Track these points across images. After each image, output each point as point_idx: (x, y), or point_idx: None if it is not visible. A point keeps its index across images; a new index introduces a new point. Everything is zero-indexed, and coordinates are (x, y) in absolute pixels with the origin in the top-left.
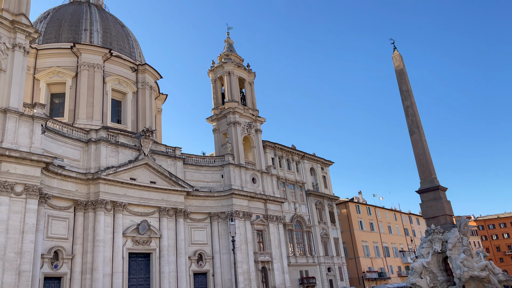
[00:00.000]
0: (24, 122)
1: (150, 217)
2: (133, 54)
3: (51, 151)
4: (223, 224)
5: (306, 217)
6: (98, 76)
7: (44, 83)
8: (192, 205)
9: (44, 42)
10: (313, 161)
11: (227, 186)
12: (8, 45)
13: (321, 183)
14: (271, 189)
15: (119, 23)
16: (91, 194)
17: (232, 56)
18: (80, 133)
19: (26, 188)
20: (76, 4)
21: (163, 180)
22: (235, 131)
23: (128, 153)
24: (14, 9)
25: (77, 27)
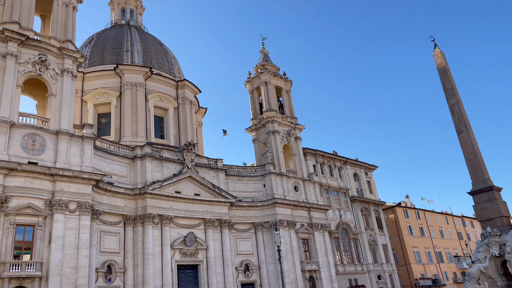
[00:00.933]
0: (75, 142)
1: (196, 229)
2: (172, 71)
3: (100, 169)
4: (268, 234)
5: (352, 224)
6: (141, 94)
7: (91, 104)
8: (236, 216)
9: (89, 65)
10: (356, 166)
11: (269, 196)
12: (57, 70)
13: (366, 189)
14: (314, 196)
15: (157, 42)
16: (139, 209)
17: (268, 65)
18: (126, 150)
19: (79, 205)
20: (118, 27)
21: (206, 192)
22: (274, 140)
23: (172, 167)
24: (61, 36)
25: (119, 49)
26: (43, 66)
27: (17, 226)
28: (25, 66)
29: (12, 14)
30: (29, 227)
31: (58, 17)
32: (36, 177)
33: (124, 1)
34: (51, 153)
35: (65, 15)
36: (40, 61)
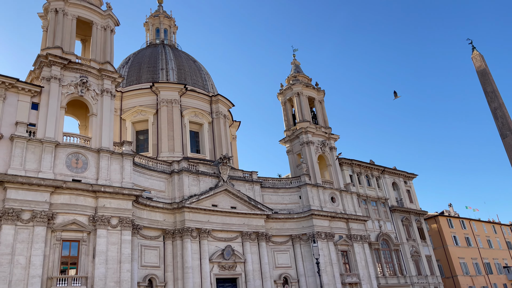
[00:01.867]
0: (115, 159)
1: (234, 242)
2: (206, 86)
3: (140, 184)
4: (306, 246)
5: (393, 235)
6: (176, 111)
7: (129, 122)
8: (272, 228)
9: (127, 84)
10: (394, 175)
11: (306, 207)
12: (98, 91)
13: (406, 198)
14: (352, 207)
15: (191, 59)
16: (177, 223)
17: (299, 77)
18: (164, 165)
19: (121, 220)
20: (153, 46)
21: (242, 205)
22: (309, 151)
23: (208, 180)
24: (100, 58)
25: (154, 68)
26: (84, 88)
27: (63, 241)
28: (67, 88)
29: (54, 39)
30: (74, 242)
31: (97, 40)
32: (80, 194)
33: (158, 21)
34: (93, 170)
35: (104, 38)
36: (82, 83)
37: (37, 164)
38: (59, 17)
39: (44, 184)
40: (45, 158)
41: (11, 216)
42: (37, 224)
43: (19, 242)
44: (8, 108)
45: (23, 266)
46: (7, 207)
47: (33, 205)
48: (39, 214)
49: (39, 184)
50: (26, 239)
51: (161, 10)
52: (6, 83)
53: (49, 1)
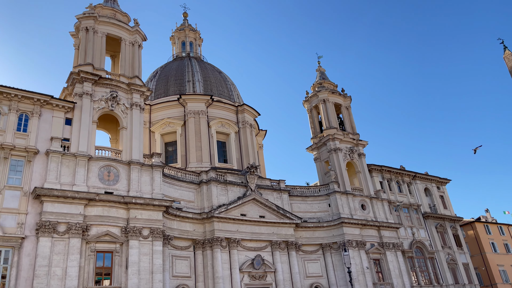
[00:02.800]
0: (145, 171)
1: (263, 252)
2: (232, 96)
3: (169, 195)
4: (336, 255)
5: (427, 242)
6: (203, 121)
7: (158, 134)
8: (302, 237)
9: (155, 97)
10: (426, 180)
11: (335, 215)
12: (127, 105)
13: (439, 204)
14: (383, 214)
15: (216, 70)
16: (207, 233)
17: (325, 83)
18: (192, 176)
19: (152, 231)
20: (179, 59)
21: (271, 214)
22: (337, 158)
23: (236, 190)
24: (129, 73)
25: (181, 80)
26: (114, 102)
27: (97, 252)
28: (99, 103)
29: (86, 56)
30: (108, 253)
31: (125, 56)
32: (112, 206)
33: (184, 35)
34: (124, 182)
35: (132, 53)
36: (112, 98)
37: (71, 178)
38: (90, 35)
39: (78, 197)
40: (78, 171)
41: (48, 228)
42: (72, 236)
43: (56, 254)
44: (43, 124)
45: (60, 277)
46: (44, 219)
47: (68, 218)
48: (74, 226)
49: (74, 197)
50: (62, 250)
51: (187, 24)
52: (41, 100)
53: (80, 20)
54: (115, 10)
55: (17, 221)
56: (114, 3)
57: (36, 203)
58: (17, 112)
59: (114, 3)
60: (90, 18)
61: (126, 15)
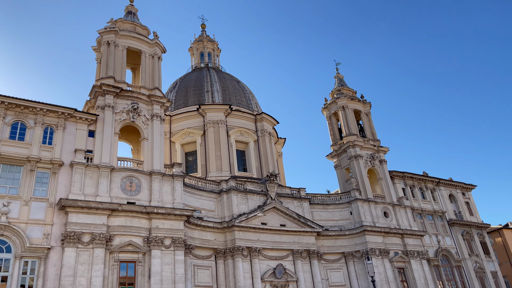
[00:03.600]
0: (166, 181)
1: (285, 261)
2: (250, 105)
3: (190, 205)
4: (359, 264)
5: (453, 250)
6: (222, 131)
7: (178, 144)
8: (324, 246)
9: (175, 108)
10: (450, 186)
11: (357, 223)
12: (148, 116)
13: (465, 210)
14: (407, 222)
15: (234, 79)
16: (228, 242)
17: (344, 90)
18: (213, 185)
19: (173, 240)
20: (198, 70)
21: (292, 222)
22: (357, 165)
23: (256, 198)
24: (149, 85)
25: (200, 90)
26: (135, 114)
27: (120, 262)
28: (120, 115)
29: (107, 69)
30: (131, 263)
31: (146, 68)
32: (134, 216)
33: (202, 46)
34: (146, 192)
35: (152, 65)
36: (133, 109)
37: (95, 189)
38: (111, 49)
39: (102, 208)
40: (101, 182)
41: (73, 239)
42: (96, 246)
43: (80, 264)
44: (67, 137)
45: (84, 287)
46: (69, 230)
47: (92, 228)
48: (98, 236)
49: (97, 207)
50: (86, 261)
51: (205, 35)
52: (66, 114)
53: (101, 35)
54: (135, 24)
55: (43, 232)
56: (134, 17)
57: (61, 214)
58: (42, 126)
59: (134, 17)
60: (111, 32)
61: (146, 28)
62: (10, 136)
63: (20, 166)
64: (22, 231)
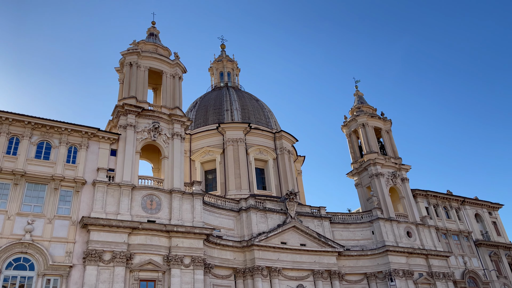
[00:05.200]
0: (186, 199)
1: (305, 281)
2: (269, 123)
3: (209, 223)
4: (382, 285)
5: (480, 272)
6: (242, 149)
7: (198, 162)
8: (345, 266)
9: (195, 127)
10: (476, 205)
11: (379, 243)
12: (168, 135)
13: (492, 230)
14: (431, 242)
15: (253, 98)
16: (247, 261)
17: (363, 107)
18: (232, 203)
19: (193, 259)
20: (217, 89)
21: (312, 242)
22: (379, 183)
23: (276, 217)
24: (170, 104)
25: (220, 109)
26: (156, 133)
27: (140, 281)
28: (141, 134)
29: (129, 90)
30: (151, 282)
31: (167, 88)
32: (154, 234)
33: (222, 66)
34: (166, 211)
35: (173, 85)
36: (154, 128)
37: (116, 207)
38: (133, 70)
39: (123, 226)
40: (123, 200)
41: (94, 257)
42: (117, 265)
43: (101, 283)
44: (90, 156)
45: None
46: (91, 248)
47: (113, 246)
48: (118, 254)
49: (118, 226)
50: (107, 279)
51: (224, 55)
52: (89, 133)
53: (124, 56)
54: (156, 45)
55: (65, 250)
56: (156, 38)
57: (83, 232)
58: (66, 145)
59: (156, 39)
60: (133, 54)
61: (167, 49)
62: (36, 155)
63: (44, 184)
64: (45, 249)
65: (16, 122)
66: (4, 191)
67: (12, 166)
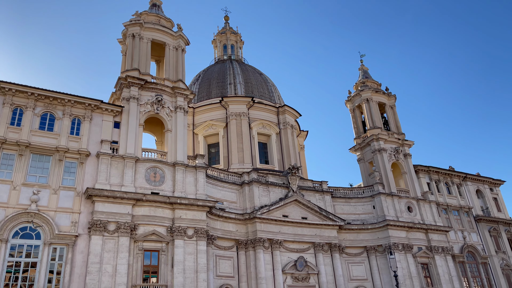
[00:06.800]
0: (189, 172)
1: (306, 253)
2: (272, 98)
3: (212, 196)
4: (382, 258)
5: (479, 247)
6: (245, 123)
7: (201, 136)
8: (346, 239)
9: (198, 100)
10: (478, 182)
11: (380, 218)
12: (171, 108)
13: (493, 206)
14: (431, 217)
15: (257, 72)
16: (249, 233)
17: (368, 82)
18: (235, 177)
19: (196, 231)
20: (221, 62)
21: (313, 215)
22: (381, 159)
23: (278, 191)
24: (173, 77)
25: (223, 83)
26: (159, 105)
27: (144, 251)
28: (145, 106)
29: (132, 62)
30: (155, 252)
31: (169, 60)
32: (158, 206)
33: (225, 38)
34: (169, 183)
35: (176, 57)
36: (157, 101)
37: (120, 179)
38: (136, 41)
39: (127, 197)
40: (126, 172)
41: (99, 227)
42: (121, 235)
43: (106, 252)
44: (94, 128)
45: (110, 274)
46: (95, 219)
47: (118, 217)
48: (123, 225)
49: (122, 197)
50: (112, 249)
51: (228, 27)
52: (92, 105)
53: (127, 27)
54: (159, 16)
55: (71, 220)
56: (159, 9)
57: (88, 203)
58: (70, 117)
59: (159, 10)
60: (136, 25)
61: (170, 20)
62: (40, 126)
63: (49, 156)
64: (51, 218)
65: (20, 93)
66: (9, 161)
67: (17, 137)
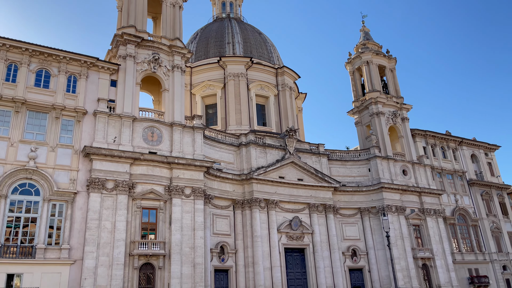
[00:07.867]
0: (187, 132)
1: (301, 214)
2: (271, 58)
3: (210, 156)
4: (375, 219)
5: (471, 210)
6: (243, 84)
7: (199, 96)
8: (340, 201)
9: (196, 60)
10: (473, 146)
11: (375, 180)
12: (169, 67)
13: (486, 171)
14: (425, 180)
15: (256, 31)
16: (246, 193)
17: (369, 44)
18: (232, 138)
19: (193, 190)
20: (219, 20)
21: (309, 177)
22: (379, 122)
23: (275, 153)
24: (170, 35)
25: (221, 42)
26: (156, 64)
27: (142, 209)
28: (141, 65)
29: (128, 18)
30: (153, 210)
31: (167, 17)
32: (156, 165)
33: None
34: (167, 143)
35: (173, 14)
36: (154, 60)
37: (118, 138)
38: None
39: (124, 156)
40: (124, 131)
41: (97, 185)
42: (119, 193)
43: (105, 209)
44: (90, 86)
45: (109, 230)
46: (94, 177)
47: (116, 175)
48: (121, 183)
49: (120, 156)
50: (110, 206)
51: None
52: (88, 62)
53: None
54: None
55: (69, 177)
56: None
57: (86, 160)
58: (66, 74)
59: None
60: None
61: None
62: (35, 83)
63: (45, 113)
64: (49, 175)
65: (14, 48)
66: (6, 118)
67: (12, 93)
